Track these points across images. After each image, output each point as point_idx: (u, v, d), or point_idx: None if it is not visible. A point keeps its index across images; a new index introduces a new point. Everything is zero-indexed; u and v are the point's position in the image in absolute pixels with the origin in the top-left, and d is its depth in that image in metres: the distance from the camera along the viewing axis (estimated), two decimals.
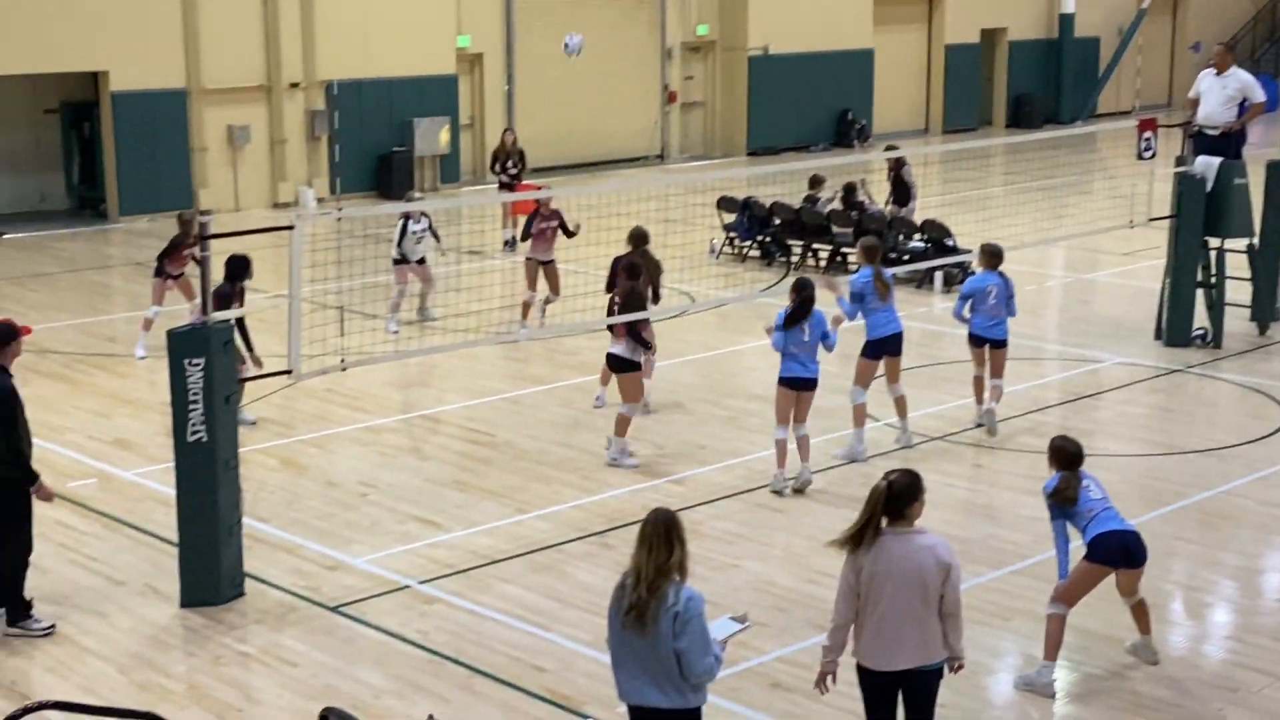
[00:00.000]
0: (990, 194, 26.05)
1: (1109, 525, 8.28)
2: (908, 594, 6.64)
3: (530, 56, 29.61)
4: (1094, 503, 8.32)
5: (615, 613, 6.21)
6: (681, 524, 6.23)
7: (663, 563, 6.11)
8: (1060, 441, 8.53)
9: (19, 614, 9.02)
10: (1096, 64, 39.02)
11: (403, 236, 16.51)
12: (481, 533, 10.72)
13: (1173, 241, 15.72)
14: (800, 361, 11.40)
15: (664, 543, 6.14)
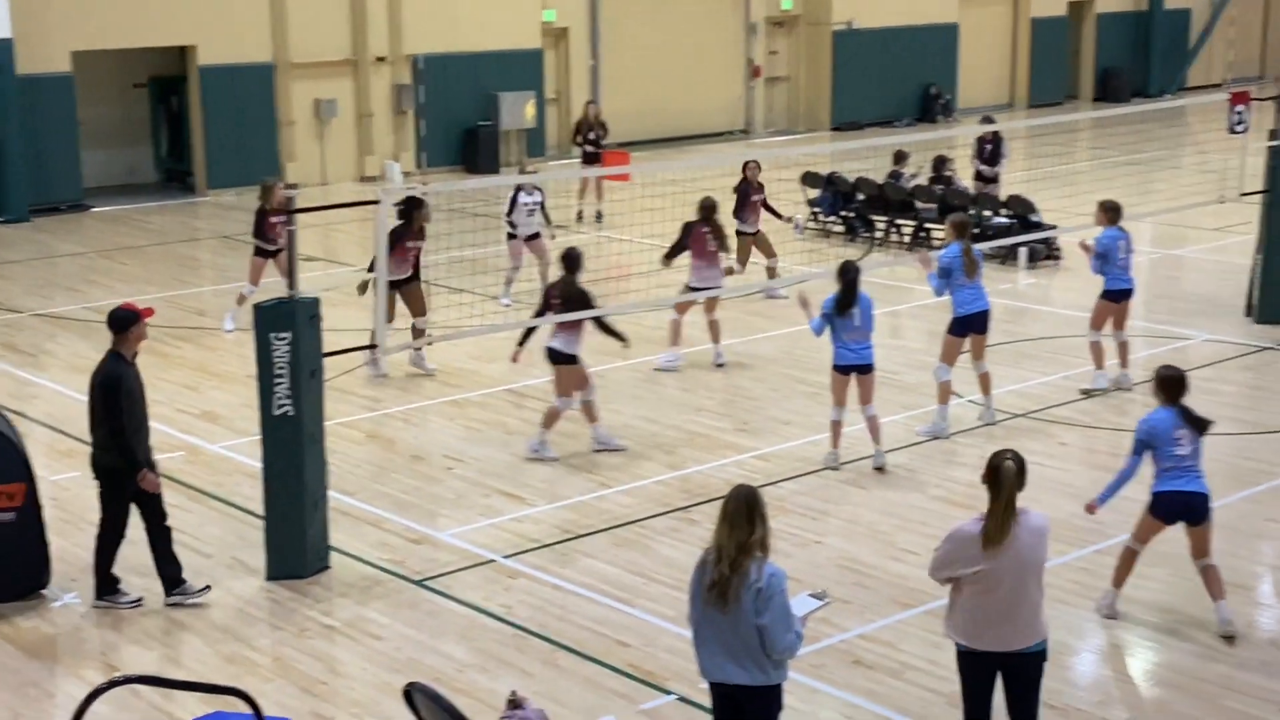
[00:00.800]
0: (1076, 169, 25.71)
1: (1175, 485, 8.45)
2: (1028, 576, 6.58)
3: (615, 31, 29.59)
4: (1175, 459, 8.42)
5: (697, 589, 6.24)
6: (763, 501, 6.26)
7: (744, 540, 6.13)
8: (1165, 371, 8.63)
9: (107, 588, 9.19)
10: (1186, 36, 38.33)
11: (513, 208, 16.38)
12: (565, 507, 10.79)
13: (1265, 217, 15.44)
14: (851, 348, 11.24)
15: (745, 520, 6.17)
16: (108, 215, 23.51)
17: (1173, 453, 8.45)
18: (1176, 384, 8.56)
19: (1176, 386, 8.56)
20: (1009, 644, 6.61)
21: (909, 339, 15.66)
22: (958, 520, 10.32)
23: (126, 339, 8.93)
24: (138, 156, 26.23)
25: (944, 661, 8.35)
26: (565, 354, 11.70)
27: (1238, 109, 15.01)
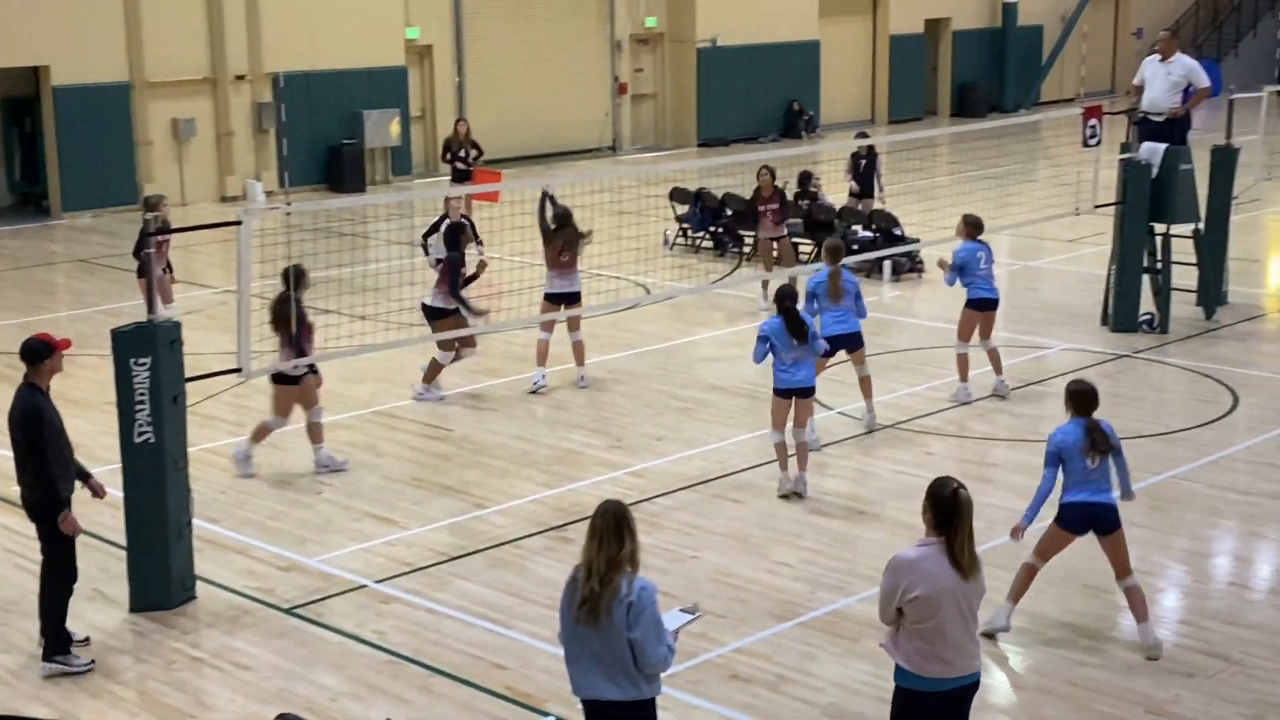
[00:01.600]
0: (937, 183, 26.18)
1: (1081, 495, 8.54)
2: (973, 601, 6.38)
3: (479, 48, 29.51)
4: (1084, 471, 8.52)
5: (567, 607, 6.21)
6: (631, 515, 6.23)
7: (614, 555, 6.11)
8: (1076, 385, 8.70)
9: (59, 646, 8.61)
10: (1040, 52, 39.28)
11: (432, 232, 16.10)
12: (439, 529, 10.68)
13: (1119, 228, 15.85)
14: (790, 370, 10.99)
15: (614, 535, 6.15)
16: None
17: (1082, 465, 8.54)
18: (1087, 398, 8.61)
19: (1087, 400, 8.60)
20: (959, 670, 6.37)
21: None
22: (830, 531, 10.48)
23: (40, 371, 8.53)
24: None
25: (820, 673, 8.42)
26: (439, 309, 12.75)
27: (1091, 123, 15.37)
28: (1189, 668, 8.48)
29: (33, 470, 8.41)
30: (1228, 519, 10.84)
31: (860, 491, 11.39)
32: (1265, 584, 9.78)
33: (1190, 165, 15.75)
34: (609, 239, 19.56)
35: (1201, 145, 16.50)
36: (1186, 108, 15.86)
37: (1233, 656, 8.58)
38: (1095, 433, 8.54)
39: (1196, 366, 14.63)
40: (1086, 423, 8.56)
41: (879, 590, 6.46)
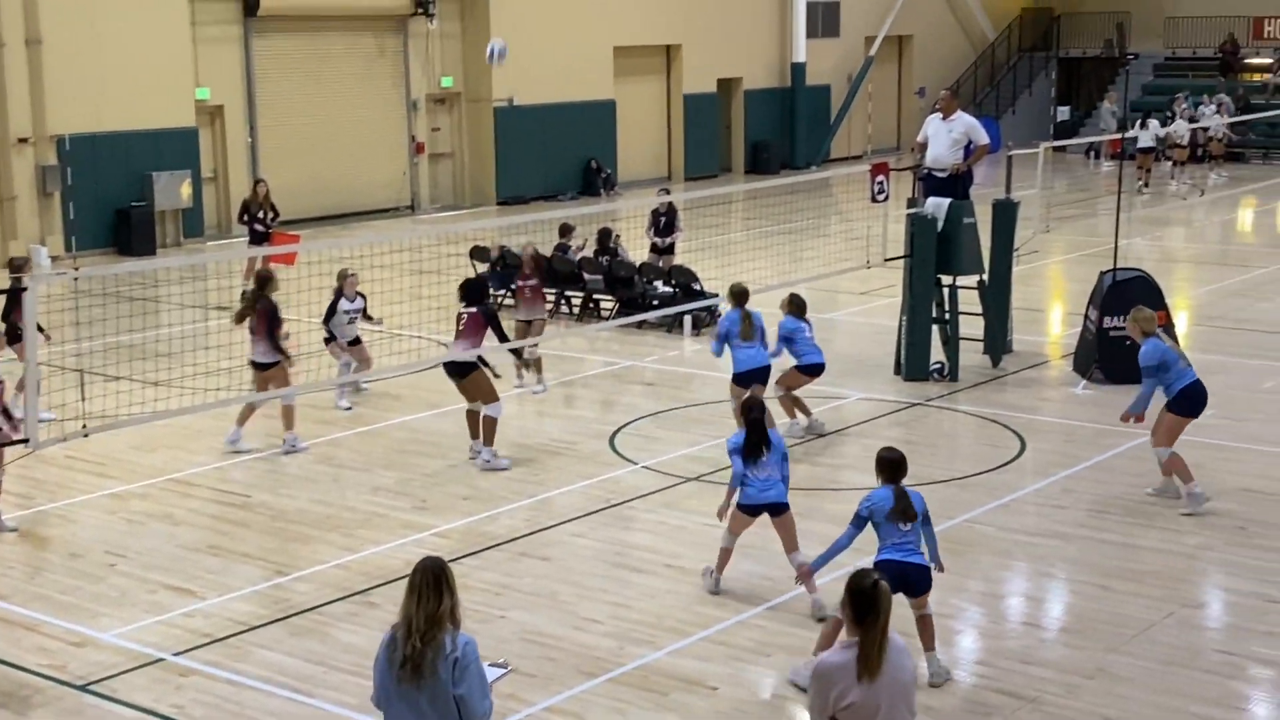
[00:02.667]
0: (733, 239, 26.67)
1: (894, 555, 8.81)
2: (900, 699, 5.98)
3: (273, 108, 29.15)
4: (899, 534, 8.81)
5: (387, 667, 6.12)
6: (450, 571, 6.19)
7: (433, 611, 6.05)
8: (886, 453, 9.03)
9: None
10: (829, 111, 40.41)
11: (331, 315, 15.59)
12: (239, 598, 10.43)
13: (908, 280, 16.35)
14: (758, 486, 10.10)
15: (434, 591, 6.09)
16: None
17: (894, 529, 8.82)
18: (896, 465, 8.93)
19: (895, 467, 8.93)
20: None
21: (583, 409, 15.86)
22: (638, 585, 10.53)
23: None
24: None
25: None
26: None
27: (878, 179, 15.86)
28: (987, 708, 8.72)
29: None
30: (1019, 560, 11.21)
31: (666, 545, 11.48)
32: (1056, 623, 10.12)
33: (973, 219, 16.34)
34: (409, 299, 19.43)
35: (983, 199, 17.13)
36: (968, 164, 16.46)
37: (1028, 695, 8.85)
38: (903, 500, 8.87)
39: (985, 413, 15.13)
40: (896, 489, 8.90)
41: (808, 700, 6.09)
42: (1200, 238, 27.87)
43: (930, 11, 42.98)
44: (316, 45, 29.84)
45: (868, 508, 8.91)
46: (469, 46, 32.17)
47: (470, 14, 32.08)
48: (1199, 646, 9.50)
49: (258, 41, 28.71)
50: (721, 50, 37.20)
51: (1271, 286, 21.80)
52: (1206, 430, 14.36)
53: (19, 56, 24.92)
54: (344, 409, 15.46)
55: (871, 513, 8.89)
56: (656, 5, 35.27)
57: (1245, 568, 10.85)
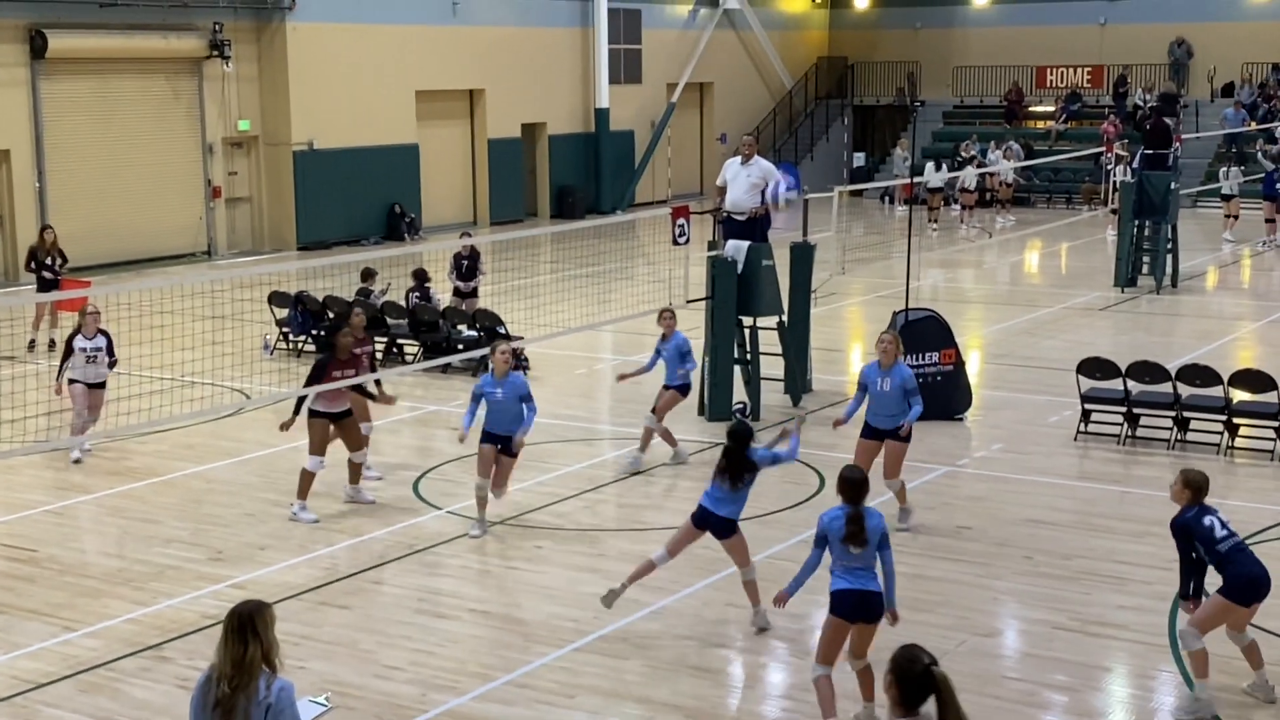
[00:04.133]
0: (538, 282, 26.71)
1: (848, 582, 8.61)
2: None
3: (62, 152, 28.28)
4: (849, 557, 8.62)
5: (200, 709, 6.01)
6: (265, 615, 6.05)
7: (239, 657, 5.96)
8: (848, 471, 8.85)
9: None
10: (633, 156, 40.86)
11: (69, 354, 14.86)
12: (25, 656, 10.02)
13: (709, 321, 16.58)
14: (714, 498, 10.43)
15: (238, 638, 6.00)
16: None
17: (843, 551, 8.66)
18: (853, 485, 8.75)
19: (855, 488, 8.74)
20: None
21: (387, 454, 15.68)
22: (440, 631, 10.42)
23: None
24: None
25: None
26: None
27: (679, 222, 16.06)
28: None
29: None
30: (819, 594, 11.36)
31: (470, 589, 11.39)
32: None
33: (772, 261, 16.67)
34: (204, 344, 19.02)
35: (781, 243, 17.49)
36: (764, 207, 16.78)
37: None
38: (855, 523, 8.63)
39: None
40: (850, 511, 8.69)
41: None
42: (989, 279, 28.85)
43: (730, 60, 43.84)
44: (108, 88, 29.08)
45: (823, 526, 8.75)
46: (266, 89, 31.72)
47: (268, 57, 31.65)
48: (992, 674, 9.78)
49: (45, 84, 27.86)
50: (525, 95, 37.35)
51: (1056, 325, 22.66)
52: (993, 464, 14.85)
53: None
54: (75, 462, 14.89)
55: (826, 531, 8.71)
56: (459, 50, 35.27)
57: (1033, 596, 11.21)
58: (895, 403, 12.39)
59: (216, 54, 30.21)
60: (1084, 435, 15.58)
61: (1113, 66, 42.85)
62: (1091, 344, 19.75)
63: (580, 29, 38.71)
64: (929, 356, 16.49)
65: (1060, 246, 32.83)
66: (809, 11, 47.23)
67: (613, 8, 39.05)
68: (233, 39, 30.44)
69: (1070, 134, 42.31)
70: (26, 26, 27.26)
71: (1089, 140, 40.32)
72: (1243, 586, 8.94)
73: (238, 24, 30.83)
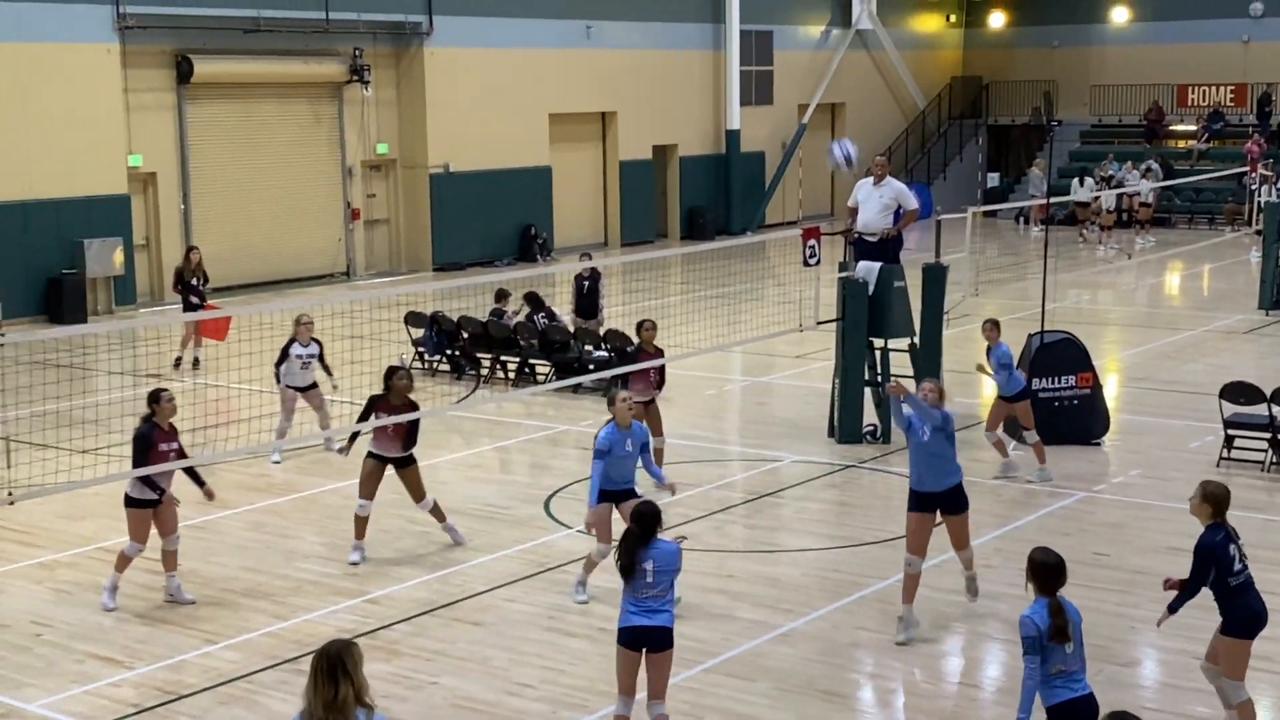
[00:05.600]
0: (668, 303, 26.79)
1: (1071, 693, 7.47)
2: None
3: (206, 175, 29.06)
4: (1067, 659, 7.47)
5: None
6: (353, 654, 5.99)
7: (330, 699, 5.90)
8: (1041, 555, 7.65)
9: None
10: (763, 177, 40.82)
11: (283, 359, 15.61)
12: (167, 667, 10.29)
13: (840, 343, 16.49)
14: (643, 606, 8.45)
15: (329, 679, 5.91)
16: None
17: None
18: (1058, 574, 7.61)
19: (1059, 579, 7.61)
20: None
21: (518, 473, 15.83)
22: (570, 649, 10.48)
23: None
24: None
25: None
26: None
27: (810, 243, 16.02)
28: None
29: None
30: (953, 620, 11.26)
31: (600, 608, 11.44)
32: (992, 683, 10.15)
33: (903, 282, 16.53)
34: (344, 364, 19.36)
35: (913, 264, 17.33)
36: (897, 229, 16.66)
37: None
38: (1059, 616, 7.52)
39: None
40: (1051, 603, 7.56)
41: None
42: (1128, 300, 28.31)
43: (862, 80, 43.62)
44: (250, 112, 29.83)
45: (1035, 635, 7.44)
46: (404, 113, 32.29)
47: (406, 81, 32.21)
48: (1130, 704, 9.55)
49: (191, 108, 28.67)
50: (657, 117, 37.53)
51: (1197, 349, 22.16)
52: (1131, 490, 14.55)
53: None
54: (275, 463, 15.52)
55: (1052, 635, 7.43)
56: (592, 73, 35.56)
57: (1172, 625, 10.93)
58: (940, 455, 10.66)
59: (356, 79, 30.81)
60: (1227, 461, 15.21)
61: (1257, 85, 41.84)
62: (1235, 368, 19.29)
63: (712, 51, 38.82)
64: (1065, 380, 16.23)
65: (1202, 268, 32.11)
66: (943, 31, 46.84)
67: (745, 30, 39.10)
68: (372, 64, 31.04)
69: (1212, 153, 41.35)
70: (173, 52, 28.08)
71: (1232, 160, 39.35)
72: (1244, 621, 8.58)
73: (377, 49, 31.44)
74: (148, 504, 11.38)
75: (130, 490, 11.39)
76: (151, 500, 11.38)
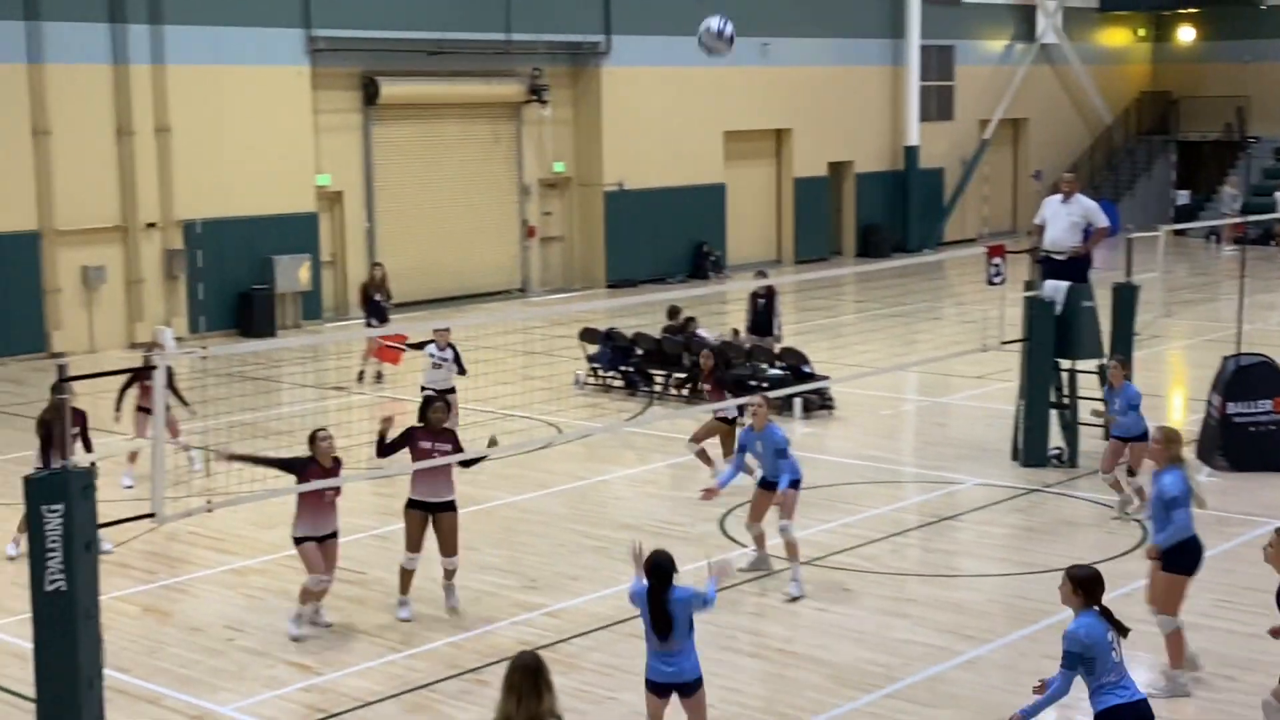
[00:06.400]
0: (843, 321, 26.60)
1: (1124, 696, 7.60)
2: None
3: (389, 193, 29.74)
4: (1115, 666, 7.63)
5: None
6: (546, 666, 6.12)
7: (534, 711, 5.98)
8: (1080, 570, 7.75)
9: None
10: (941, 193, 40.30)
11: (419, 346, 16.60)
12: (354, 674, 10.51)
13: (1025, 364, 16.17)
14: (663, 657, 8.41)
15: (534, 690, 6.01)
16: None
17: (1113, 661, 7.73)
18: (1097, 586, 7.77)
19: (1099, 590, 7.78)
20: None
21: (692, 491, 15.82)
22: (749, 669, 10.43)
23: None
24: None
25: None
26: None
27: (994, 261, 15.73)
28: None
29: None
30: (1141, 651, 10.92)
31: (775, 628, 11.38)
32: (1180, 718, 9.84)
33: (1092, 302, 16.16)
34: (519, 379, 19.64)
35: (1102, 283, 16.94)
36: (1087, 247, 16.30)
37: None
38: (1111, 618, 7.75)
39: (1106, 499, 14.85)
40: (1101, 611, 7.75)
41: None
42: None
43: (1046, 95, 42.82)
44: (433, 132, 30.44)
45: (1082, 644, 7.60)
46: (580, 132, 32.63)
47: (583, 100, 32.57)
48: None
49: (377, 129, 29.37)
50: (833, 134, 37.33)
51: None
52: None
53: (149, 145, 25.73)
54: None
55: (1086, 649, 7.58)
56: (768, 90, 35.51)
57: None
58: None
59: (535, 98, 31.25)
60: None
61: None
62: None
63: (891, 67, 38.50)
64: (1260, 404, 15.70)
65: None
66: (1130, 45, 45.74)
67: (925, 45, 38.69)
68: (550, 84, 31.45)
69: None
70: (360, 74, 28.81)
71: None
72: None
73: (555, 69, 31.84)
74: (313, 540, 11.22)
75: (294, 531, 11.26)
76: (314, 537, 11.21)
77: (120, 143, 25.42)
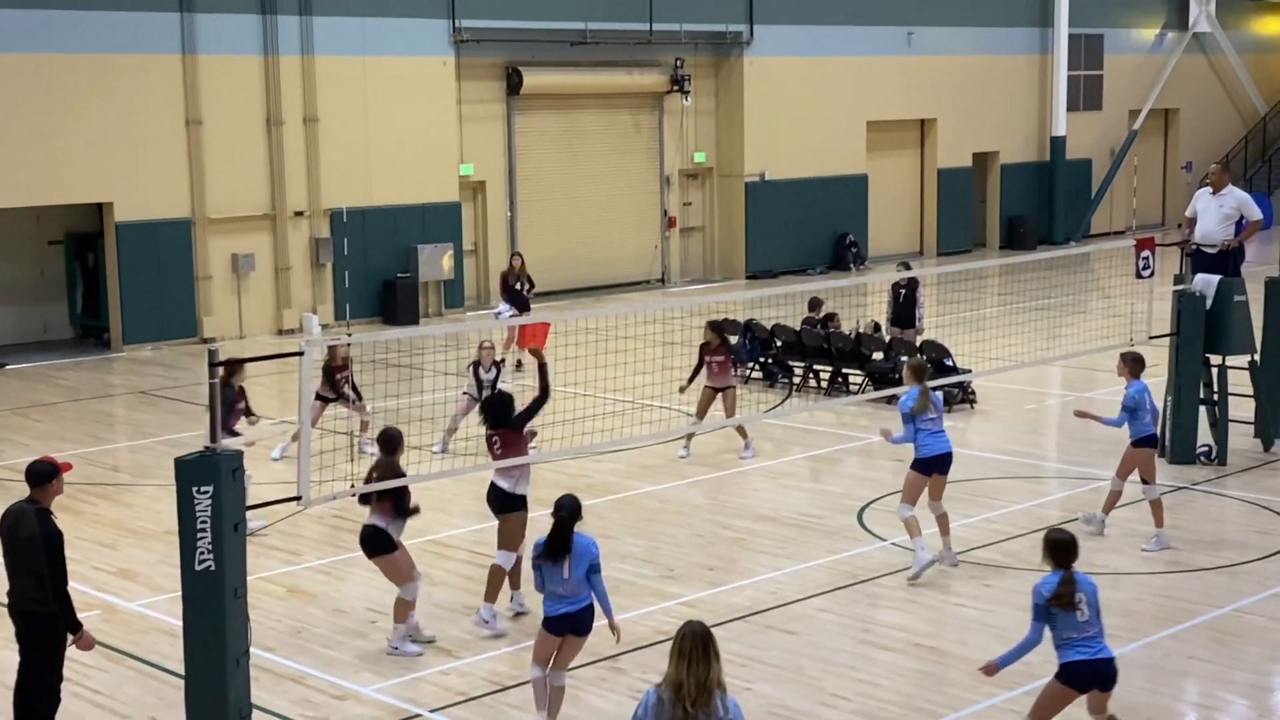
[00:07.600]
0: (986, 314, 26.20)
1: (1086, 654, 8.18)
2: None
3: (531, 183, 30.02)
4: (1079, 625, 8.17)
5: None
6: (714, 636, 6.28)
7: (703, 678, 6.21)
8: (1055, 534, 8.44)
9: None
10: (1089, 185, 39.52)
11: (474, 381, 16.49)
12: (493, 659, 10.65)
13: (1174, 359, 15.81)
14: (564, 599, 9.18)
15: (703, 656, 6.24)
16: (21, 372, 23.20)
17: (1076, 620, 8.23)
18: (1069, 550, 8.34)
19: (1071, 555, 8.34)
20: None
21: (830, 483, 15.75)
22: (885, 663, 10.36)
23: (46, 492, 8.79)
24: (53, 313, 26.01)
25: None
26: (513, 495, 11.33)
27: (1144, 254, 15.42)
28: None
29: (54, 591, 8.60)
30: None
31: (914, 623, 11.28)
32: None
33: (1244, 297, 15.74)
34: (658, 369, 19.66)
35: (1255, 277, 16.49)
36: (1239, 240, 15.89)
37: None
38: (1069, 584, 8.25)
39: (1255, 499, 14.48)
40: (1063, 575, 8.26)
41: None
42: None
43: (1198, 85, 41.76)
44: (574, 122, 30.67)
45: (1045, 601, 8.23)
46: (722, 122, 32.60)
47: (725, 90, 32.53)
48: None
49: (519, 119, 29.67)
50: (978, 124, 36.81)
51: None
52: None
53: (297, 135, 26.29)
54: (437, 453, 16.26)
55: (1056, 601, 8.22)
56: (912, 80, 35.14)
57: None
58: None
59: (677, 89, 31.29)
60: None
61: None
62: None
63: (1038, 56, 37.84)
64: None
65: None
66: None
67: (1073, 33, 37.97)
68: (692, 74, 31.47)
69: None
70: (504, 65, 29.12)
71: None
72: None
73: (697, 59, 31.85)
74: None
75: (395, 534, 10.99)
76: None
77: (269, 133, 26.03)
